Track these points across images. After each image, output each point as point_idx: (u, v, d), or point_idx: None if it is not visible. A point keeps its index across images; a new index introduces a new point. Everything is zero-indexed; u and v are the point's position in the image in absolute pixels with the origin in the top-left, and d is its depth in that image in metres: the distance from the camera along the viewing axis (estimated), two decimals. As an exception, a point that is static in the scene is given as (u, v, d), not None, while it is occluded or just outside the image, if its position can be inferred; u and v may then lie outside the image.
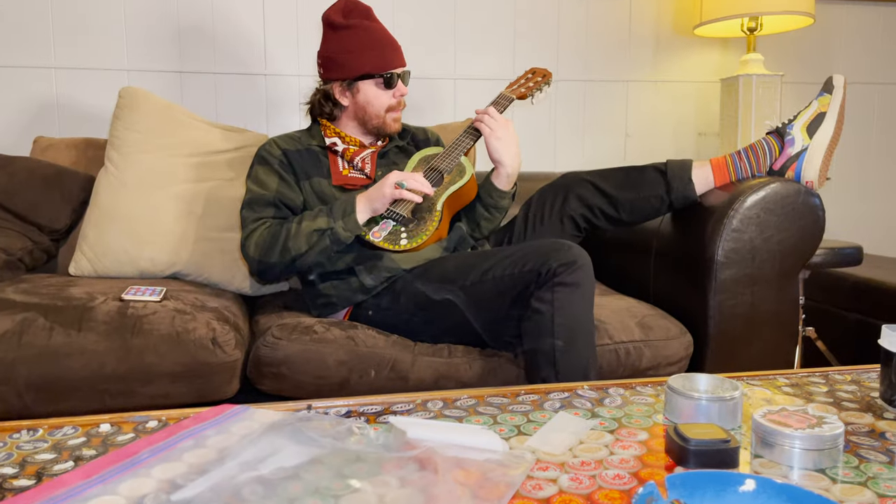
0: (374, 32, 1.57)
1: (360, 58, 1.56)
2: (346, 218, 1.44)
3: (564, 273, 1.27)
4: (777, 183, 1.49)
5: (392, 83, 1.57)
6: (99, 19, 2.08)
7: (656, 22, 2.40)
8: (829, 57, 2.53)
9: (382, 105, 1.59)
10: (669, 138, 2.47)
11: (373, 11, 1.60)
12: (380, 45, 1.56)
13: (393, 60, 1.57)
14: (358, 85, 1.58)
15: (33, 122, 2.07)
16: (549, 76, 1.74)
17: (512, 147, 1.57)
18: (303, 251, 1.44)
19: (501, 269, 1.35)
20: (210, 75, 2.16)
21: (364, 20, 1.57)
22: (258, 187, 1.54)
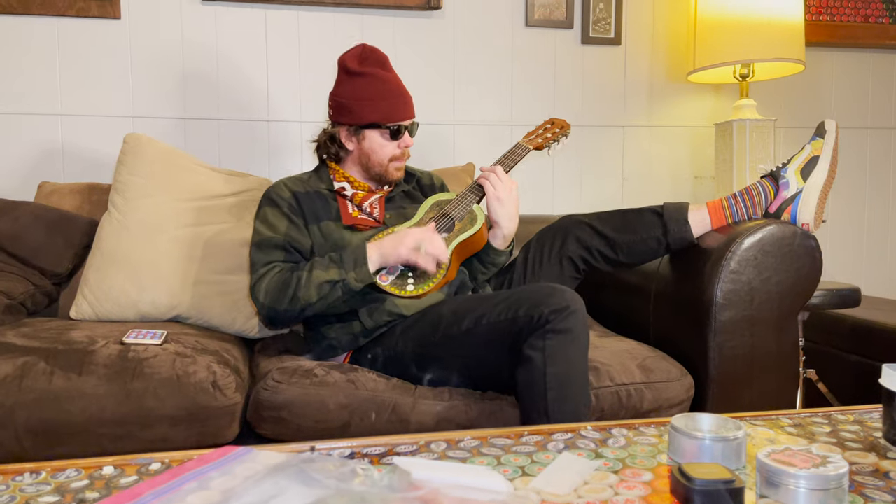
0: (387, 83, 1.59)
1: (369, 106, 1.58)
2: (359, 269, 1.44)
3: (556, 320, 1.26)
4: (773, 225, 1.51)
5: (398, 135, 1.60)
6: (106, 67, 2.13)
7: (650, 69, 2.46)
8: (820, 102, 2.58)
9: (387, 154, 1.61)
10: (666, 181, 2.50)
11: (388, 61, 1.62)
12: (390, 95, 1.58)
13: (402, 112, 1.59)
14: (365, 132, 1.60)
15: (39, 167, 2.10)
16: (568, 127, 1.77)
17: (511, 209, 1.59)
18: (313, 301, 1.44)
19: (496, 314, 1.35)
20: (213, 121, 2.20)
21: (379, 69, 1.59)
22: (267, 229, 1.55)
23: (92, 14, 2.08)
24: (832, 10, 2.50)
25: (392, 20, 2.29)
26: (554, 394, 1.25)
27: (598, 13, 2.39)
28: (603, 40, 2.41)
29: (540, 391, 1.25)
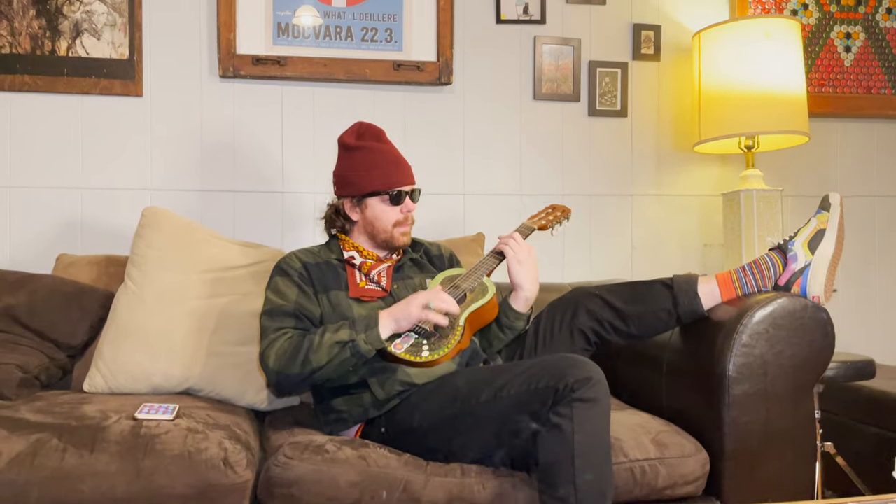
0: (383, 153, 1.66)
1: (368, 176, 1.64)
2: (369, 332, 1.46)
3: (582, 389, 1.28)
4: (784, 298, 1.51)
5: (398, 200, 1.64)
6: (127, 142, 2.19)
7: (657, 140, 2.50)
8: (826, 171, 2.61)
9: (390, 220, 1.65)
10: (675, 250, 2.51)
11: (384, 134, 1.70)
12: (387, 164, 1.65)
13: (400, 178, 1.65)
14: (367, 201, 1.66)
15: (58, 239, 2.14)
16: (569, 212, 1.86)
17: (532, 272, 1.65)
18: (323, 363, 1.45)
19: (516, 386, 1.35)
20: (229, 193, 2.25)
21: (374, 142, 1.67)
22: (278, 298, 1.58)
23: (115, 92, 2.16)
24: (834, 83, 2.55)
25: (404, 95, 2.36)
26: (581, 461, 1.26)
27: (604, 87, 2.45)
28: (609, 112, 2.46)
29: (567, 458, 1.26)
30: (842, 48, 2.56)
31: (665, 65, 2.50)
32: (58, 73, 2.12)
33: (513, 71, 2.42)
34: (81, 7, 2.13)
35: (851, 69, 2.56)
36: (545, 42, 2.42)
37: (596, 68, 2.44)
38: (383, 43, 2.32)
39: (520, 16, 2.41)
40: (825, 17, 2.54)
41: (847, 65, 2.56)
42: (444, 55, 2.33)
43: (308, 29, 2.27)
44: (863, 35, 2.56)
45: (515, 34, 2.42)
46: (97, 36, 2.14)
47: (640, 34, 2.47)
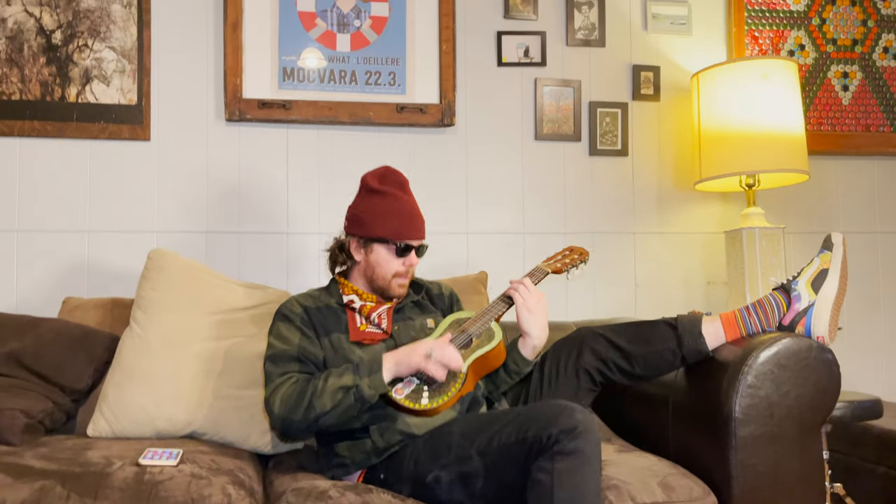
0: (401, 203, 1.66)
1: (381, 222, 1.65)
2: (373, 376, 1.46)
3: (565, 440, 1.26)
4: (788, 338, 1.51)
5: (404, 253, 1.65)
6: (134, 186, 2.22)
7: (658, 178, 2.52)
8: (828, 208, 2.62)
9: (391, 270, 1.66)
10: (679, 287, 2.52)
11: (408, 184, 1.70)
12: (402, 215, 1.65)
13: (411, 232, 1.65)
14: (373, 245, 1.66)
15: (64, 281, 2.15)
16: (586, 255, 1.83)
17: (541, 319, 1.64)
18: (327, 409, 1.45)
19: (506, 435, 1.34)
20: (234, 234, 2.27)
21: (396, 189, 1.67)
22: (281, 343, 1.58)
23: (123, 137, 2.19)
24: (832, 121, 2.58)
25: (407, 136, 2.39)
26: None
27: (605, 126, 2.48)
28: (610, 152, 2.49)
29: None
30: (839, 87, 2.59)
31: (665, 105, 2.53)
32: (67, 119, 2.16)
33: (514, 112, 2.46)
34: (91, 54, 2.18)
35: (849, 107, 2.59)
36: (546, 84, 2.46)
37: (596, 109, 2.48)
38: (387, 86, 2.36)
39: (521, 59, 2.45)
40: (822, 57, 2.58)
41: (845, 103, 2.59)
42: (447, 97, 2.37)
43: (313, 73, 2.31)
44: (860, 74, 2.60)
45: (516, 76, 2.46)
46: (106, 82, 2.19)
47: (639, 75, 2.50)
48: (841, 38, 2.59)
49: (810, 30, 2.58)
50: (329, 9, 2.33)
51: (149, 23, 2.21)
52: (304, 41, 2.31)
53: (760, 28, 2.55)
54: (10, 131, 2.13)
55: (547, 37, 2.46)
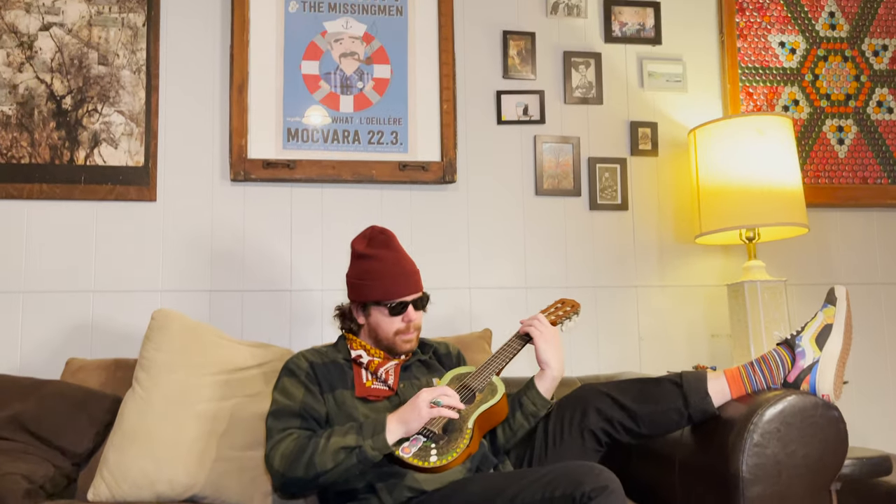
0: (388, 262, 1.69)
1: (371, 285, 1.68)
2: (376, 437, 1.45)
3: (599, 498, 1.26)
4: (794, 396, 1.50)
5: (398, 311, 1.67)
6: (139, 246, 2.24)
7: (658, 232, 2.54)
8: (829, 260, 2.63)
9: (391, 329, 1.68)
10: (683, 340, 2.51)
11: (394, 240, 1.73)
12: (390, 275, 1.67)
13: (401, 289, 1.67)
14: (370, 309, 1.70)
15: (68, 342, 2.16)
16: (578, 307, 1.86)
17: (560, 351, 1.69)
18: (328, 468, 1.44)
19: (531, 493, 1.33)
20: (238, 293, 2.28)
21: (383, 249, 1.70)
22: (284, 398, 1.59)
23: (130, 198, 2.22)
24: (830, 174, 2.61)
25: (409, 194, 2.42)
26: None
27: (604, 181, 2.51)
28: (610, 206, 2.52)
29: None
30: (835, 140, 2.63)
31: (663, 159, 2.57)
32: (75, 182, 2.19)
33: (515, 168, 2.49)
34: (100, 118, 2.23)
35: (846, 160, 2.62)
36: (545, 140, 2.50)
37: (595, 164, 2.51)
38: (389, 145, 2.40)
39: (520, 117, 2.50)
40: (816, 112, 2.63)
41: (841, 156, 2.62)
42: (448, 155, 2.40)
43: (317, 133, 2.36)
44: (855, 128, 2.64)
45: (516, 134, 2.50)
46: (114, 145, 2.23)
47: (637, 131, 2.55)
48: (834, 94, 2.64)
49: (803, 85, 2.63)
50: (333, 71, 2.39)
51: (157, 87, 2.27)
52: (309, 102, 2.37)
53: (754, 84, 2.60)
54: (18, 194, 2.17)
55: (545, 95, 2.51)
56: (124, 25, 2.27)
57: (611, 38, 2.57)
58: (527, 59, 2.52)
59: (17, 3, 2.22)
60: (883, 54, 2.68)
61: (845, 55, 2.66)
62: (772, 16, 2.63)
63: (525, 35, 2.52)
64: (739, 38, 2.60)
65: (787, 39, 2.64)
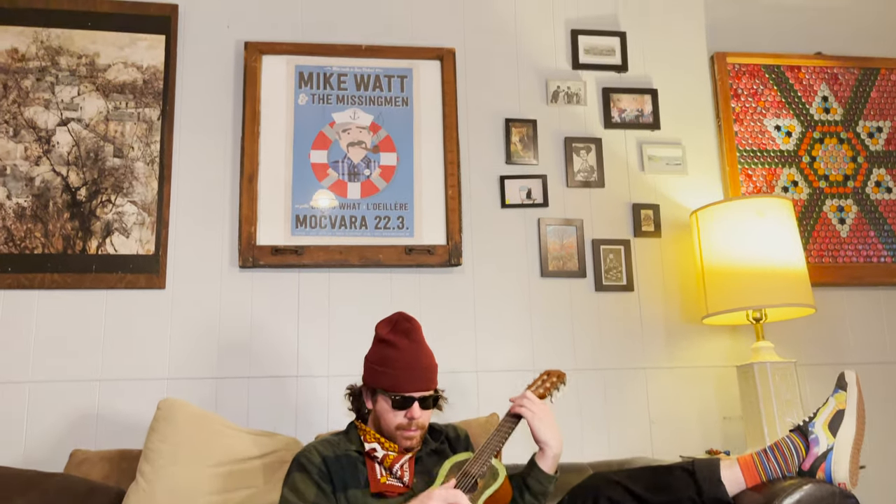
0: (405, 353, 1.67)
1: (382, 373, 1.66)
2: None
3: None
4: (811, 485, 1.47)
5: (403, 405, 1.64)
6: (147, 334, 2.25)
7: (665, 313, 2.54)
8: (838, 340, 2.61)
9: (392, 422, 1.65)
10: (694, 423, 2.47)
11: (418, 331, 1.72)
12: (403, 366, 1.65)
13: (409, 384, 1.65)
14: (377, 396, 1.68)
15: (73, 432, 2.14)
16: (564, 377, 1.86)
17: (554, 427, 1.66)
18: None
19: None
20: (244, 379, 2.27)
21: (403, 338, 1.68)
22: (295, 497, 1.56)
23: (139, 286, 2.25)
24: (833, 253, 2.63)
25: (416, 277, 2.44)
26: None
27: (609, 263, 2.53)
28: (616, 287, 2.53)
29: None
30: (836, 220, 2.66)
31: (666, 241, 2.59)
32: (86, 271, 2.23)
33: (519, 250, 2.52)
34: (114, 208, 2.28)
35: (848, 240, 2.64)
36: (549, 223, 2.53)
37: (600, 246, 2.54)
38: (396, 229, 2.44)
39: (523, 200, 2.54)
40: (816, 193, 2.67)
41: (843, 235, 2.65)
42: (454, 238, 2.44)
43: (325, 219, 2.40)
44: (855, 207, 2.67)
45: (520, 217, 2.54)
46: (126, 234, 2.27)
47: (639, 213, 2.58)
48: (832, 174, 2.69)
49: (801, 167, 2.68)
50: (340, 160, 2.46)
51: (169, 178, 2.33)
52: (317, 190, 2.42)
53: (753, 167, 2.65)
54: (30, 284, 2.20)
55: (548, 179, 2.57)
56: (140, 119, 2.35)
57: (610, 124, 2.64)
58: (529, 145, 2.58)
59: (37, 99, 2.31)
60: (878, 136, 2.74)
61: (841, 137, 2.72)
62: (766, 101, 2.71)
63: (527, 122, 2.60)
64: (736, 122, 2.67)
65: (782, 123, 2.71)
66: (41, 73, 2.33)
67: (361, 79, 2.53)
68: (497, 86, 2.62)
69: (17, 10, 2.35)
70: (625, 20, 2.75)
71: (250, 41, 2.48)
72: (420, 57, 2.56)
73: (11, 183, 2.25)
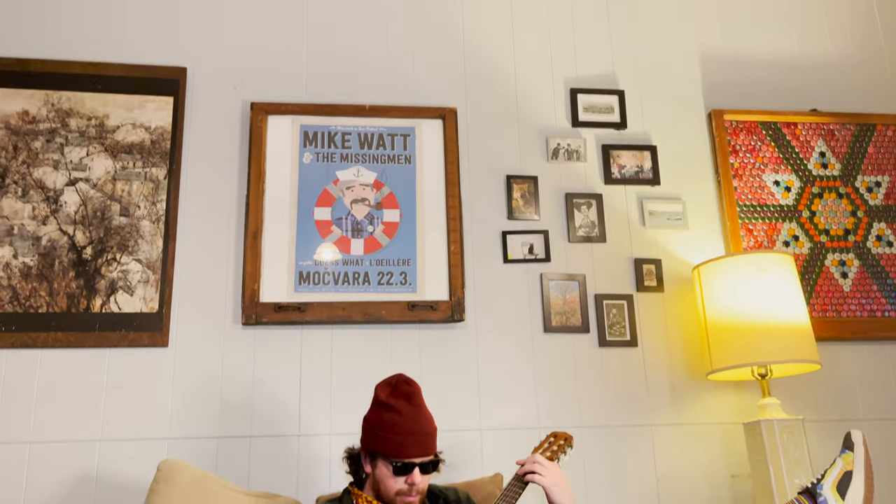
0: (406, 418, 1.65)
1: (382, 437, 1.65)
2: None
3: None
4: (820, 550, 1.44)
5: (403, 471, 1.63)
6: (148, 393, 2.24)
7: (670, 368, 2.52)
8: (845, 395, 2.58)
9: (392, 488, 1.64)
10: (702, 481, 2.42)
11: (418, 394, 1.71)
12: (403, 432, 1.64)
13: (410, 450, 1.63)
14: (377, 460, 1.67)
15: (73, 494, 2.11)
16: (571, 439, 1.84)
17: (570, 491, 1.65)
18: None
19: None
20: (245, 439, 2.25)
21: (403, 402, 1.67)
22: None
23: (142, 344, 2.25)
24: (837, 307, 2.62)
25: (418, 333, 2.44)
26: None
27: (612, 318, 2.53)
28: (619, 343, 2.52)
29: None
30: (838, 274, 2.66)
31: (669, 295, 2.59)
32: (89, 329, 2.23)
33: (522, 306, 2.52)
34: (118, 267, 2.30)
35: (851, 294, 2.64)
36: (551, 278, 2.54)
37: (602, 301, 2.54)
38: (398, 285, 2.45)
39: (525, 255, 2.56)
40: (817, 247, 2.68)
41: (846, 290, 2.64)
42: (456, 294, 2.44)
43: (328, 276, 2.41)
44: (857, 261, 2.68)
45: (522, 272, 2.55)
46: (130, 292, 2.29)
47: (641, 268, 2.59)
48: (833, 229, 2.70)
49: (801, 222, 2.70)
50: (344, 216, 2.48)
51: (174, 236, 2.36)
52: (321, 247, 2.44)
53: (754, 221, 2.67)
54: (33, 343, 2.20)
55: (550, 235, 2.58)
56: (147, 179, 2.39)
57: (610, 179, 2.67)
58: (530, 201, 2.61)
59: (46, 160, 2.36)
60: (877, 190, 2.76)
61: (840, 192, 2.74)
62: (764, 157, 2.74)
63: (528, 179, 2.63)
64: (735, 177, 2.70)
65: (781, 178, 2.73)
66: (51, 135, 2.38)
67: (365, 137, 2.57)
68: (498, 143, 2.67)
69: (29, 73, 2.42)
70: (622, 79, 2.80)
71: (256, 102, 2.54)
72: (423, 116, 2.61)
73: (18, 242, 2.27)
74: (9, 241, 2.27)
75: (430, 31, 2.75)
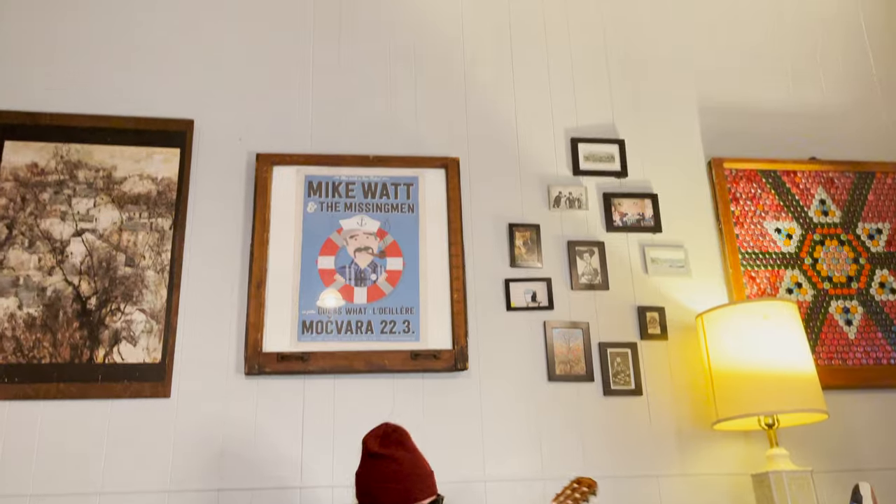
0: (405, 465, 1.65)
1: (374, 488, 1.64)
2: None
3: None
4: None
5: None
6: (149, 444, 2.22)
7: (676, 417, 2.50)
8: (854, 445, 2.54)
9: None
10: (711, 534, 2.38)
11: (409, 440, 1.71)
12: (406, 477, 1.64)
13: (420, 493, 1.63)
14: None
15: (68, 550, 2.08)
16: (595, 486, 1.81)
17: None
18: None
19: None
20: (246, 491, 2.22)
21: (396, 450, 1.67)
22: None
23: (144, 395, 2.24)
24: (843, 355, 2.60)
25: (421, 382, 2.42)
26: None
27: (617, 366, 2.52)
28: (624, 391, 2.50)
29: None
30: (843, 321, 2.65)
31: (673, 343, 2.58)
32: (92, 380, 2.23)
33: (526, 354, 2.51)
34: (122, 317, 2.31)
35: (857, 341, 2.62)
36: (555, 326, 2.53)
37: (606, 349, 2.53)
38: (401, 334, 2.44)
39: (528, 303, 2.56)
40: (820, 294, 2.67)
41: (851, 337, 2.63)
42: (459, 343, 2.44)
43: (331, 325, 2.41)
44: (861, 308, 2.67)
45: (525, 320, 2.55)
46: (134, 342, 2.29)
47: (644, 315, 2.59)
48: (836, 276, 2.70)
49: (804, 269, 2.70)
50: (347, 265, 2.50)
51: (178, 286, 2.37)
52: (324, 295, 2.44)
53: (756, 269, 2.67)
54: (35, 394, 2.19)
55: (552, 282, 2.59)
56: (152, 229, 2.41)
57: (612, 227, 2.69)
58: (533, 249, 2.62)
59: (54, 211, 2.38)
60: (878, 237, 2.77)
61: (841, 239, 2.75)
62: (765, 204, 2.76)
63: (530, 227, 2.65)
64: (736, 225, 2.71)
65: (782, 226, 2.75)
66: (59, 186, 2.41)
67: (369, 187, 2.60)
68: (500, 192, 2.69)
69: (39, 126, 2.46)
70: (622, 128, 2.84)
71: (262, 153, 2.58)
72: (426, 166, 2.64)
73: (23, 293, 2.28)
74: (14, 291, 2.28)
75: (434, 84, 2.81)
